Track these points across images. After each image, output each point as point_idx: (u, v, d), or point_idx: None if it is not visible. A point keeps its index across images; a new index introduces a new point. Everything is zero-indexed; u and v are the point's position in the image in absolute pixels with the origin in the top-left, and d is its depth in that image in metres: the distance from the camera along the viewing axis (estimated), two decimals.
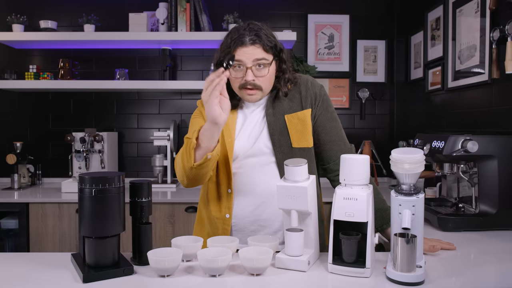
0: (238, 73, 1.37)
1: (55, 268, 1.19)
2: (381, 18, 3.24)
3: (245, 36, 1.34)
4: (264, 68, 1.37)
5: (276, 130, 1.42)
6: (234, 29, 1.39)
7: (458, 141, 1.59)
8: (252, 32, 1.35)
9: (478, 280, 1.13)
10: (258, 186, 1.41)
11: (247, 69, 1.35)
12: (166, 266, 1.10)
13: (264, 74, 1.37)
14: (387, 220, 1.36)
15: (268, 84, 1.41)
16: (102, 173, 1.18)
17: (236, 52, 1.34)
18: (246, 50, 1.34)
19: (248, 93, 1.39)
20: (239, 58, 1.34)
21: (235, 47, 1.34)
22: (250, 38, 1.34)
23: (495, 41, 1.92)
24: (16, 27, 2.92)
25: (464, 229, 1.62)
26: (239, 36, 1.35)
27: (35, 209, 2.55)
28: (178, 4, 2.91)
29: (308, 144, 1.44)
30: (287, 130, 1.42)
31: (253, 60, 1.34)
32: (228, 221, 1.43)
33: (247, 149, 1.42)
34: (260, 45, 1.35)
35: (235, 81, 1.39)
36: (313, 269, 1.19)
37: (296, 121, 1.43)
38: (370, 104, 3.26)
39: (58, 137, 3.13)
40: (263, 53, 1.35)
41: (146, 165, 3.17)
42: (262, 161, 1.42)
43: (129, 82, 2.96)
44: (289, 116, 1.43)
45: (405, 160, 1.09)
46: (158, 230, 2.55)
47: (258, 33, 1.35)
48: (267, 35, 1.37)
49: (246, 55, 1.34)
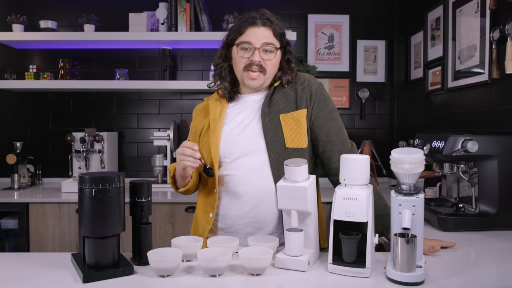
0: (245, 53, 1.40)
1: (55, 268, 1.19)
2: (381, 18, 3.24)
3: (257, 18, 1.40)
4: (271, 53, 1.41)
5: (270, 130, 1.40)
6: (245, 14, 1.44)
7: (458, 141, 1.59)
8: (264, 17, 1.41)
9: (478, 280, 1.13)
10: (251, 187, 1.38)
11: (255, 49, 1.39)
12: (166, 266, 1.10)
13: (271, 58, 1.41)
14: (387, 227, 1.32)
15: (273, 70, 1.43)
16: (102, 173, 1.18)
17: (246, 31, 1.40)
18: (256, 31, 1.39)
19: (251, 76, 1.41)
20: (248, 38, 1.39)
21: (246, 26, 1.40)
22: (262, 20, 1.40)
23: (495, 41, 1.92)
24: (16, 27, 2.92)
25: (464, 229, 1.62)
26: (251, 18, 1.40)
27: (35, 209, 2.55)
28: (178, 4, 2.91)
29: (302, 145, 1.41)
30: (281, 130, 1.40)
31: (262, 42, 1.39)
32: (210, 220, 1.42)
33: (238, 147, 1.41)
34: (271, 29, 1.41)
35: (240, 61, 1.41)
36: (313, 269, 1.19)
37: (291, 121, 1.41)
38: (370, 104, 3.26)
39: (58, 137, 3.13)
40: (272, 38, 1.41)
41: (146, 165, 3.17)
42: (255, 161, 1.39)
43: (129, 82, 2.96)
44: (284, 115, 1.41)
45: (405, 160, 1.09)
46: (158, 230, 2.55)
47: (270, 18, 1.41)
48: (277, 23, 1.43)
49: (256, 35, 1.39)
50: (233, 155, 1.41)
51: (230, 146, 1.42)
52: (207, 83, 1.59)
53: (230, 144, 1.42)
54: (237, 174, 1.40)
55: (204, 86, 2.90)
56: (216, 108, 1.49)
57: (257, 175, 1.38)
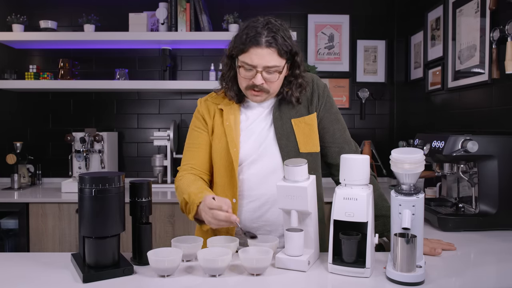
0: (247, 73, 1.34)
1: (55, 268, 1.19)
2: (381, 18, 3.24)
3: (262, 36, 1.29)
4: (274, 74, 1.34)
5: (283, 135, 1.39)
6: (251, 24, 1.32)
7: (458, 141, 1.59)
8: (270, 34, 1.29)
9: (478, 280, 1.13)
10: (264, 191, 1.39)
11: (257, 72, 1.32)
12: (166, 266, 1.10)
13: (274, 80, 1.35)
14: (388, 228, 1.31)
15: (276, 88, 1.39)
16: (102, 173, 1.18)
17: (249, 51, 1.30)
18: (260, 52, 1.29)
19: (254, 94, 1.38)
20: (251, 61, 1.30)
21: (250, 46, 1.30)
22: (267, 40, 1.29)
23: (495, 41, 1.92)
24: (16, 27, 2.92)
25: (464, 229, 1.62)
26: (255, 35, 1.29)
27: (35, 209, 2.55)
28: (178, 4, 2.91)
29: (316, 149, 1.42)
30: (294, 135, 1.40)
31: (264, 66, 1.31)
32: (233, 228, 1.42)
33: (253, 154, 1.40)
34: (275, 50, 1.30)
35: (243, 81, 1.37)
36: (313, 269, 1.19)
37: (303, 125, 1.41)
38: (370, 104, 3.26)
39: (58, 137, 3.13)
40: (276, 59, 1.31)
41: (146, 165, 3.17)
42: (268, 166, 1.39)
43: (129, 82, 2.96)
44: (295, 120, 1.41)
45: (405, 160, 1.09)
46: (158, 230, 2.55)
47: (276, 35, 1.29)
48: (284, 38, 1.31)
49: (258, 58, 1.30)
50: (247, 160, 1.40)
51: (245, 152, 1.41)
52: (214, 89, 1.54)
53: (246, 150, 1.41)
54: (251, 179, 1.40)
55: (204, 86, 2.92)
56: (230, 115, 1.44)
57: (271, 180, 1.37)
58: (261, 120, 1.44)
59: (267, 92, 1.37)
